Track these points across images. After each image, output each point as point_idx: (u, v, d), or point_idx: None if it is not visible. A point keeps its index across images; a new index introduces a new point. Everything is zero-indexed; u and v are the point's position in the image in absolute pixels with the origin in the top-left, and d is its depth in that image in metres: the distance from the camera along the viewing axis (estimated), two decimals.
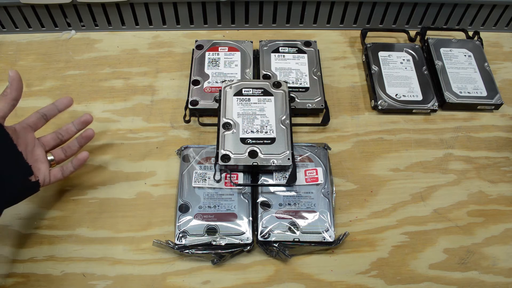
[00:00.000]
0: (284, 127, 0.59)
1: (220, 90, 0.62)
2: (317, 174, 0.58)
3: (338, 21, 0.78)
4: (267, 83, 0.63)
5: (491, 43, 0.79)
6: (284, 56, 0.71)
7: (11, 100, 0.49)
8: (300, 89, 0.67)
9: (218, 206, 0.56)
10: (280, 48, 0.71)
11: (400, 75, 0.70)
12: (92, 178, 0.60)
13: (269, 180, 0.58)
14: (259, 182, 0.57)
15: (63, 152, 0.55)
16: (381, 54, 0.72)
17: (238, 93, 0.62)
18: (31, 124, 0.53)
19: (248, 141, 0.57)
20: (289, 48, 0.71)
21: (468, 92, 0.68)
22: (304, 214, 0.55)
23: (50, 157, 0.54)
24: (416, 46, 0.73)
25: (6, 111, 0.49)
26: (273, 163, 0.56)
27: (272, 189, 0.57)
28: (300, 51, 0.71)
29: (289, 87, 0.65)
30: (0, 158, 0.46)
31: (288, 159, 0.56)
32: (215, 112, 0.63)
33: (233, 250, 0.53)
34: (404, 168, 0.63)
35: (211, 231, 0.54)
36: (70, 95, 0.68)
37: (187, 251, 0.52)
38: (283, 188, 0.57)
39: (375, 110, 0.68)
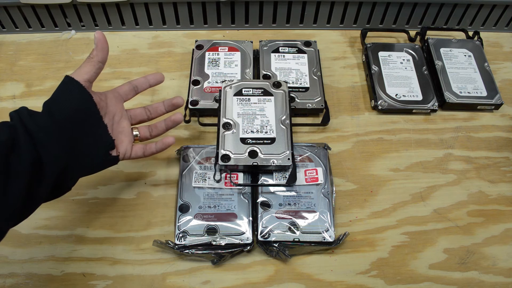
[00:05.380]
0: (284, 127, 0.59)
1: (220, 90, 0.62)
2: (317, 174, 0.58)
3: (338, 21, 0.78)
4: (267, 83, 0.63)
5: (491, 43, 0.79)
6: (284, 56, 0.71)
7: (97, 62, 0.47)
8: (300, 89, 0.67)
9: (218, 206, 0.56)
10: (280, 48, 0.71)
11: (400, 75, 0.70)
12: (92, 178, 0.60)
13: (269, 180, 0.58)
14: (259, 182, 0.57)
15: (149, 130, 0.54)
16: (381, 54, 0.72)
17: (238, 93, 0.62)
18: (123, 94, 0.52)
19: (248, 141, 0.57)
20: (289, 48, 0.72)
21: (468, 92, 0.68)
22: (304, 214, 0.55)
23: (135, 132, 0.53)
24: (416, 46, 0.73)
25: (93, 74, 0.47)
26: (273, 163, 0.56)
27: (272, 189, 0.57)
28: (300, 51, 0.71)
29: (289, 87, 0.65)
30: (84, 128, 0.45)
31: (288, 159, 0.56)
32: (215, 112, 0.63)
33: (233, 250, 0.53)
34: (404, 168, 0.63)
35: (211, 231, 0.54)
36: None
37: (187, 251, 0.53)
38: (283, 188, 0.57)
39: (375, 110, 0.68)
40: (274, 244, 0.53)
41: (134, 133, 0.53)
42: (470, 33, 0.77)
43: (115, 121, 0.50)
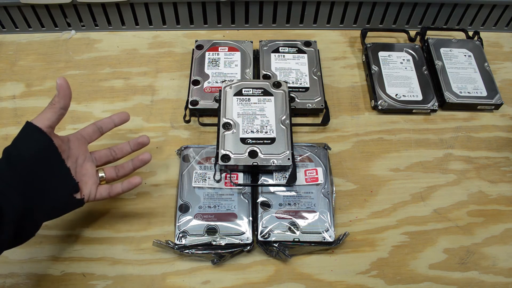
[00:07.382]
0: (284, 127, 0.59)
1: (220, 90, 0.62)
2: (317, 174, 0.58)
3: (338, 21, 0.78)
4: (267, 83, 0.63)
5: (491, 43, 0.79)
6: (284, 56, 0.71)
7: (59, 109, 0.46)
8: (300, 89, 0.67)
9: (218, 206, 0.56)
10: (280, 48, 0.71)
11: (400, 75, 0.70)
12: None
13: (269, 180, 0.58)
14: (259, 182, 0.57)
15: (115, 171, 0.53)
16: (381, 54, 0.72)
17: (238, 93, 0.62)
18: (86, 136, 0.52)
19: (248, 141, 0.57)
20: (289, 48, 0.71)
21: (468, 92, 0.68)
22: (304, 214, 0.55)
23: (101, 174, 0.52)
24: (416, 46, 0.73)
25: (54, 120, 0.46)
26: (273, 163, 0.56)
27: (272, 189, 0.57)
28: (300, 51, 0.71)
29: (289, 87, 0.65)
30: (46, 173, 0.45)
31: (288, 159, 0.56)
32: (215, 112, 0.63)
33: (233, 250, 0.53)
34: (404, 168, 0.63)
35: (211, 231, 0.54)
36: None
37: (187, 251, 0.52)
38: (283, 188, 0.57)
39: (375, 110, 0.68)
40: (274, 244, 0.53)
41: (100, 174, 0.52)
42: (470, 33, 0.77)
43: (78, 164, 0.50)
